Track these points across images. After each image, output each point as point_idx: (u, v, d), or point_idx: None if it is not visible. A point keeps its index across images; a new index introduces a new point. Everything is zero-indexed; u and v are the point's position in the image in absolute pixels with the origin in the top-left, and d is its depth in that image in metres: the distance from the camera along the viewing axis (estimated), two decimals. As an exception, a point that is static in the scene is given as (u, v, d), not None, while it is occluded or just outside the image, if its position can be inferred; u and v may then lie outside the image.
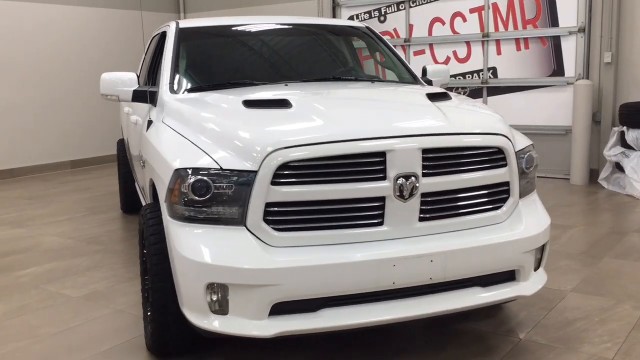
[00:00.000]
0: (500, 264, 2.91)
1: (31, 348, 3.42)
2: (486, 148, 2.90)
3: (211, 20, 4.35)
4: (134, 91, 3.85)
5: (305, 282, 2.60)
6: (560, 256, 4.82)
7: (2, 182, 9.08)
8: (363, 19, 9.60)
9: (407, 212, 2.76)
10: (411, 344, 3.35)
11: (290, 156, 2.61)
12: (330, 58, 4.43)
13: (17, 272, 4.78)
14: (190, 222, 2.74)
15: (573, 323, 3.57)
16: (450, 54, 8.90)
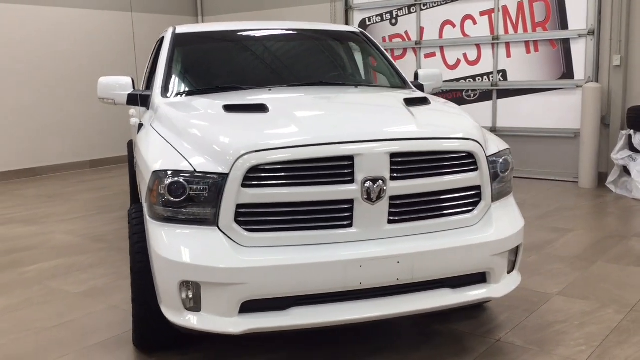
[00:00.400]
0: (469, 266, 2.97)
1: (26, 340, 3.58)
2: (456, 153, 2.97)
3: (208, 26, 4.49)
4: (128, 95, 4.00)
5: (271, 281, 2.70)
6: (552, 260, 4.84)
7: (23, 181, 9.36)
8: (375, 21, 9.67)
9: (375, 215, 2.84)
10: (388, 343, 3.43)
11: (259, 159, 2.71)
12: (320, 63, 4.52)
13: (23, 268, 4.97)
14: (167, 222, 2.86)
15: (552, 326, 3.61)
16: (460, 57, 8.93)
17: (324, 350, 3.35)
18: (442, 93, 9.13)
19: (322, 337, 3.48)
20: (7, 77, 9.27)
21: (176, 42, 4.25)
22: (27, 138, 9.59)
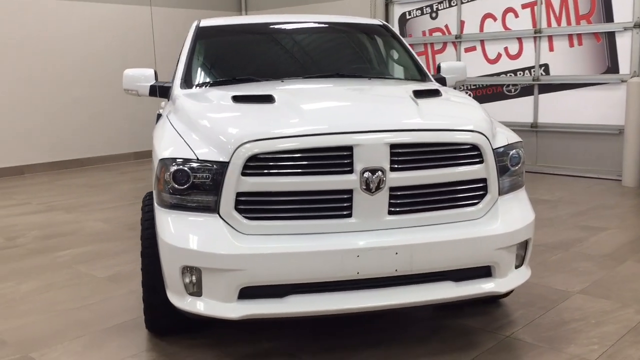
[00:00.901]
0: (471, 260, 2.93)
1: (48, 321, 3.74)
2: (459, 144, 2.93)
3: (231, 19, 4.55)
4: (151, 86, 4.11)
5: (269, 268, 2.73)
6: (579, 258, 4.71)
7: (71, 171, 9.71)
8: (415, 15, 9.58)
9: (375, 205, 2.84)
10: (396, 335, 3.42)
11: (258, 148, 2.75)
12: (338, 55, 4.52)
13: (57, 253, 5.17)
14: (173, 209, 2.93)
15: (567, 324, 3.52)
16: (501, 51, 8.75)
17: (331, 339, 3.37)
18: (482, 88, 8.99)
19: (329, 325, 3.50)
20: (57, 72, 9.62)
21: (198, 35, 4.34)
22: (75, 130, 9.93)
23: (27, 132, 9.41)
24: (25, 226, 6.14)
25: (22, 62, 9.27)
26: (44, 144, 9.59)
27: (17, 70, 9.20)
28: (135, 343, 3.39)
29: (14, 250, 5.32)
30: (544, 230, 5.51)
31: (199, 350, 3.27)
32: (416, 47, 9.68)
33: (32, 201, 7.37)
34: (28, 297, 4.15)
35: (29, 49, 9.31)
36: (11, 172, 9.29)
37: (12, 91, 9.19)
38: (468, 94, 3.27)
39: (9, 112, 9.18)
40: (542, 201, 6.73)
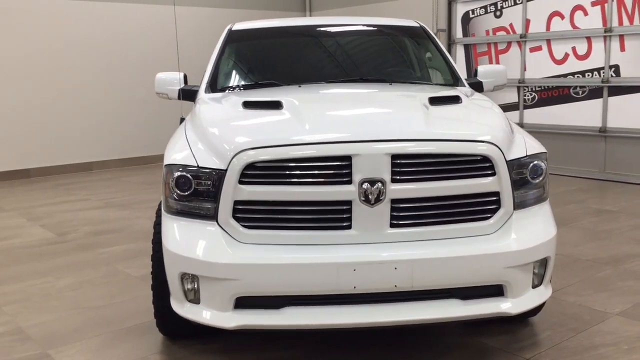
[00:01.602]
0: (479, 278, 2.76)
1: (73, 318, 3.85)
2: (468, 156, 2.77)
3: (263, 22, 4.53)
4: (179, 90, 4.16)
5: (263, 279, 2.68)
6: (628, 276, 4.39)
7: (135, 168, 10.05)
8: (478, 14, 9.27)
9: (375, 218, 2.73)
10: (408, 350, 3.29)
11: (255, 157, 2.70)
12: (365, 59, 4.40)
13: (100, 250, 5.34)
14: (177, 215, 2.94)
15: (596, 348, 3.28)
16: (569, 51, 8.32)
17: (339, 351, 3.28)
18: (548, 89, 8.58)
19: (338, 337, 3.41)
20: (123, 73, 9.96)
21: (229, 38, 4.34)
22: (140, 128, 10.25)
23: (96, 130, 9.80)
24: (79, 222, 6.39)
25: (92, 63, 9.66)
26: (112, 142, 9.96)
27: (86, 71, 9.60)
28: (148, 345, 3.43)
29: (62, 245, 5.54)
30: (596, 244, 5.18)
31: (206, 356, 3.28)
32: (479, 47, 9.37)
33: (92, 197, 7.66)
34: (61, 293, 4.30)
35: (96, 49, 9.69)
36: (81, 168, 9.71)
37: (82, 91, 9.60)
38: (492, 102, 3.03)
39: (79, 110, 9.60)
40: (603, 211, 6.34)
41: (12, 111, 9.00)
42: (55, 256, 5.19)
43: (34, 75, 9.15)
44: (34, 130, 9.22)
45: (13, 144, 9.04)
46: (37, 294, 4.29)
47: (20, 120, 9.07)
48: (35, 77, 9.16)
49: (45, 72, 9.24)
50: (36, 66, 9.15)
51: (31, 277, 4.66)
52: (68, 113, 9.53)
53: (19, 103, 9.04)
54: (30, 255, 5.24)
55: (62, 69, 9.40)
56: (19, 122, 9.07)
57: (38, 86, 9.20)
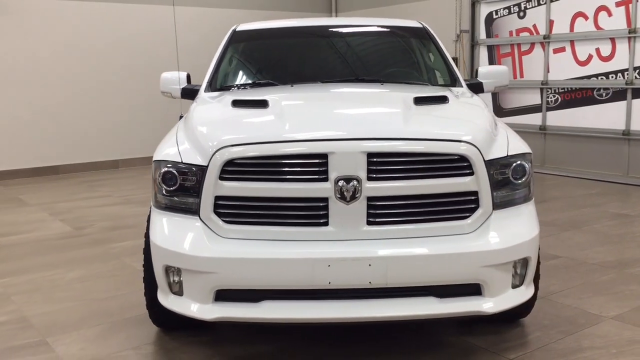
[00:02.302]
0: (454, 276, 2.78)
1: (77, 309, 3.99)
2: (444, 155, 2.79)
3: (265, 23, 4.61)
4: (182, 89, 4.27)
5: (240, 272, 2.76)
6: (632, 280, 4.32)
7: (161, 166, 10.24)
8: (502, 15, 9.19)
9: (352, 215, 2.78)
10: (392, 346, 3.32)
11: (234, 154, 2.78)
12: (364, 59, 4.43)
13: (113, 244, 5.50)
14: (164, 209, 3.04)
15: (582, 351, 3.25)
16: (592, 52, 8.18)
17: (325, 346, 3.33)
18: (571, 91, 8.45)
19: (326, 332, 3.46)
20: (144, 73, 10.18)
21: (232, 39, 4.44)
22: (165, 127, 10.44)
23: (122, 129, 10.04)
24: (97, 217, 6.58)
25: (119, 64, 9.91)
26: (137, 140, 10.18)
27: (113, 71, 9.86)
28: (142, 336, 3.54)
29: (78, 239, 5.72)
30: (606, 248, 5.10)
31: (195, 348, 3.37)
32: (502, 48, 9.28)
33: (113, 194, 7.87)
34: (70, 285, 4.46)
35: (123, 50, 9.94)
36: (107, 165, 9.97)
37: (109, 91, 9.85)
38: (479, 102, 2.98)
39: (106, 110, 9.86)
40: (620, 215, 6.23)
41: (43, 110, 9.30)
42: (69, 249, 5.37)
43: (65, 76, 9.44)
44: (62, 129, 9.50)
45: (42, 142, 9.34)
46: (46, 285, 4.45)
47: (49, 119, 9.37)
48: (65, 78, 9.45)
49: (74, 73, 9.52)
50: (67, 67, 9.44)
51: (43, 268, 4.83)
52: (95, 112, 9.79)
53: (49, 103, 9.34)
54: (46, 248, 5.43)
55: (91, 69, 9.67)
56: (49, 121, 9.37)
57: (67, 87, 9.48)
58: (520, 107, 9.16)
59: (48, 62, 9.30)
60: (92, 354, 3.33)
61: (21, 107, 9.14)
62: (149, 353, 3.34)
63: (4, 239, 5.76)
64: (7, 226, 6.27)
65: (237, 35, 4.49)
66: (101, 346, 3.42)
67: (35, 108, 9.25)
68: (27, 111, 9.20)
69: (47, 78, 9.31)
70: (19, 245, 5.55)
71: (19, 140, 9.16)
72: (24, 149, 9.21)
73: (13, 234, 5.93)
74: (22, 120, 9.16)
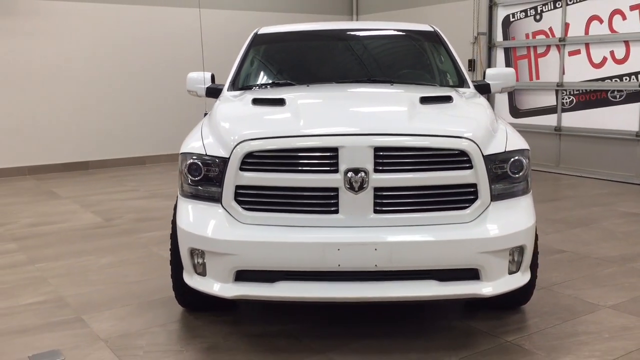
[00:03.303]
0: (454, 261, 3.04)
1: (108, 291, 4.31)
2: (446, 150, 3.05)
3: (285, 27, 4.90)
4: (207, 88, 4.57)
5: (257, 254, 3.04)
6: (633, 274, 4.51)
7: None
8: (519, 17, 9.37)
9: (360, 204, 3.05)
10: (399, 328, 3.57)
11: (253, 147, 3.07)
12: (377, 61, 4.69)
13: (141, 234, 5.83)
14: (189, 197, 3.34)
15: (577, 335, 3.48)
16: (607, 55, 8.33)
17: (336, 326, 3.60)
18: (585, 93, 8.61)
19: (342, 313, 3.73)
20: (171, 72, 10.54)
21: (253, 42, 4.74)
22: (190, 125, 10.79)
23: (150, 126, 10.41)
24: (125, 210, 6.93)
25: (150, 65, 10.28)
26: (163, 137, 10.53)
27: (142, 72, 10.23)
28: (168, 315, 3.84)
29: (107, 229, 6.06)
30: (611, 244, 5.29)
31: (217, 326, 3.66)
32: (519, 51, 9.46)
33: (140, 188, 8.23)
34: (102, 270, 4.79)
35: (149, 50, 10.31)
36: (134, 161, 10.36)
37: (138, 90, 10.23)
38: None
39: (134, 108, 10.24)
40: (629, 214, 6.40)
41: (74, 109, 9.71)
42: (99, 238, 5.71)
43: (97, 77, 9.84)
44: (93, 126, 9.91)
45: (74, 138, 9.75)
46: (79, 270, 4.79)
47: (81, 117, 9.78)
48: (97, 79, 9.86)
49: (106, 74, 9.92)
50: (99, 68, 9.84)
51: (76, 255, 5.18)
52: (124, 111, 10.18)
53: (79, 101, 9.75)
54: (78, 236, 5.78)
55: (121, 70, 10.06)
56: (80, 119, 9.78)
57: (98, 87, 9.89)
58: (536, 109, 9.34)
59: (81, 63, 9.71)
60: (123, 329, 3.64)
61: (53, 105, 9.56)
62: (174, 330, 3.64)
63: (39, 228, 6.12)
64: (42, 216, 6.64)
65: (258, 38, 4.78)
66: (131, 323, 3.73)
67: (66, 107, 9.66)
68: (58, 110, 9.61)
69: (80, 79, 9.72)
70: (53, 234, 5.91)
71: (51, 136, 9.58)
72: (56, 145, 9.63)
73: (47, 224, 6.30)
74: (53, 118, 9.58)
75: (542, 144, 9.21)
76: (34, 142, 9.50)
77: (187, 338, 3.53)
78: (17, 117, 9.33)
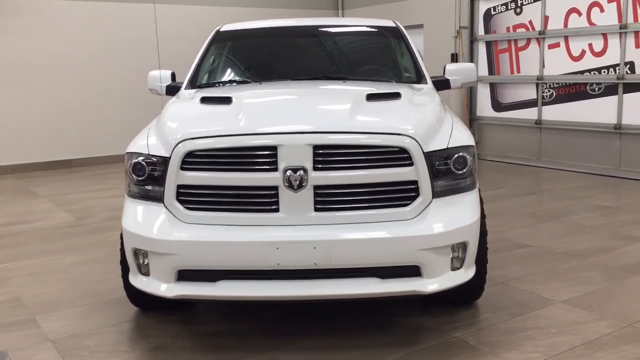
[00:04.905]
0: (393, 258, 3.03)
1: (67, 291, 4.32)
2: (385, 147, 3.04)
3: (246, 24, 4.89)
4: (167, 86, 4.57)
5: (197, 254, 3.05)
6: (593, 267, 4.52)
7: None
8: (500, 11, 9.35)
9: (300, 202, 3.04)
10: (347, 326, 3.57)
11: (192, 146, 3.07)
12: (334, 58, 4.67)
13: (110, 233, 5.83)
14: (134, 197, 3.34)
15: (524, 331, 3.48)
16: (585, 47, 8.31)
17: (286, 325, 3.61)
18: (565, 86, 8.59)
19: (294, 312, 3.74)
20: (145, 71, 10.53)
21: (214, 39, 4.73)
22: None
23: (132, 125, 10.40)
24: (100, 208, 6.94)
25: (133, 64, 10.28)
26: (147, 135, 10.55)
27: (125, 71, 10.23)
28: (122, 315, 3.85)
29: (79, 228, 6.08)
30: (576, 238, 5.29)
31: (168, 325, 3.66)
32: (500, 44, 9.44)
33: (119, 186, 8.23)
34: (65, 269, 4.80)
35: (133, 51, 10.30)
36: (118, 159, 10.34)
37: (120, 89, 10.23)
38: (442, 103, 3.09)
39: (116, 106, 10.25)
40: (601, 208, 6.39)
41: (57, 107, 9.74)
42: (69, 237, 5.72)
43: (77, 75, 9.86)
44: (75, 125, 9.93)
45: (56, 137, 9.77)
46: (43, 270, 4.80)
47: (63, 115, 9.80)
48: (78, 77, 9.87)
49: (87, 73, 9.93)
50: (79, 67, 9.85)
51: (43, 255, 5.19)
52: (105, 109, 10.20)
53: (62, 100, 9.77)
54: (48, 236, 5.79)
55: (102, 69, 10.06)
56: (63, 117, 9.80)
57: (79, 85, 9.90)
58: (517, 102, 9.32)
59: (63, 61, 9.72)
60: (73, 330, 3.66)
61: (36, 104, 9.58)
62: (125, 330, 3.65)
63: (10, 228, 6.14)
64: (15, 216, 6.66)
65: (220, 35, 4.77)
66: (83, 323, 3.74)
67: (50, 105, 9.69)
68: (41, 108, 9.64)
69: (64, 77, 9.76)
70: (23, 233, 5.92)
71: (34, 135, 9.61)
72: (38, 143, 9.66)
73: (19, 223, 6.32)
74: (36, 116, 9.60)
75: (524, 137, 9.20)
76: (15, 140, 9.51)
77: (136, 338, 3.54)
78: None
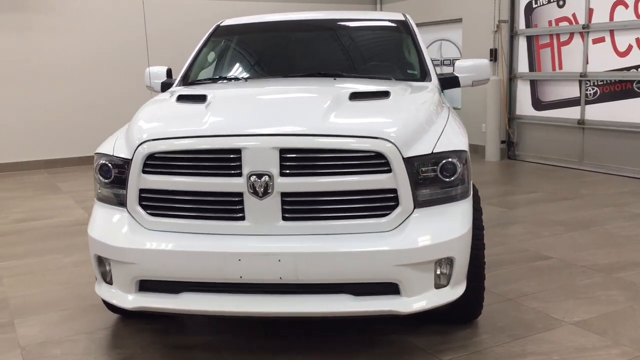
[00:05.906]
0: (367, 275, 2.75)
1: (54, 292, 4.21)
2: (359, 152, 2.75)
3: (247, 19, 4.65)
4: (161, 83, 4.39)
5: (157, 264, 2.83)
6: (617, 285, 4.09)
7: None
8: (541, 4, 8.82)
9: (266, 210, 2.79)
10: (329, 343, 3.31)
11: (154, 148, 2.85)
12: (332, 54, 4.37)
13: (118, 232, 5.73)
14: (102, 201, 3.16)
15: (524, 356, 3.13)
16: (632, 42, 7.72)
17: (260, 339, 3.37)
18: (609, 84, 8.02)
19: (270, 326, 3.50)
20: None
21: (213, 34, 4.51)
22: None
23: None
24: (117, 206, 6.85)
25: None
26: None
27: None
28: (101, 321, 3.69)
29: (82, 227, 5.97)
30: (605, 250, 4.84)
31: (143, 335, 3.48)
32: (541, 39, 8.91)
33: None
34: (61, 269, 4.70)
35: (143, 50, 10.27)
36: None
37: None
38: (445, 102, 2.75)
39: (139, 102, 10.22)
40: (639, 216, 5.89)
41: (85, 104, 9.80)
42: (76, 235, 5.64)
43: (103, 74, 9.89)
44: (103, 121, 9.95)
45: (84, 133, 9.81)
46: (39, 269, 4.71)
47: (91, 112, 9.84)
48: (105, 75, 9.90)
49: (110, 71, 9.95)
50: (102, 66, 9.87)
51: (44, 253, 5.12)
52: (134, 105, 10.18)
53: (90, 98, 9.82)
54: (57, 233, 5.74)
55: (123, 68, 10.06)
56: (90, 114, 9.84)
57: (106, 83, 9.93)
58: (558, 101, 8.78)
59: (91, 58, 9.76)
60: (46, 336, 3.52)
61: (70, 100, 9.68)
62: (98, 338, 3.48)
63: (24, 224, 6.13)
64: (34, 212, 6.66)
65: (219, 30, 4.56)
66: (59, 329, 3.60)
67: (78, 103, 9.75)
68: (74, 104, 9.72)
69: (85, 78, 9.81)
70: (34, 230, 5.89)
71: (66, 130, 9.71)
72: (71, 139, 9.74)
73: (34, 220, 6.31)
74: (68, 112, 9.70)
75: (565, 138, 8.67)
76: (49, 136, 9.62)
77: (107, 347, 3.37)
78: (33, 111, 9.50)
